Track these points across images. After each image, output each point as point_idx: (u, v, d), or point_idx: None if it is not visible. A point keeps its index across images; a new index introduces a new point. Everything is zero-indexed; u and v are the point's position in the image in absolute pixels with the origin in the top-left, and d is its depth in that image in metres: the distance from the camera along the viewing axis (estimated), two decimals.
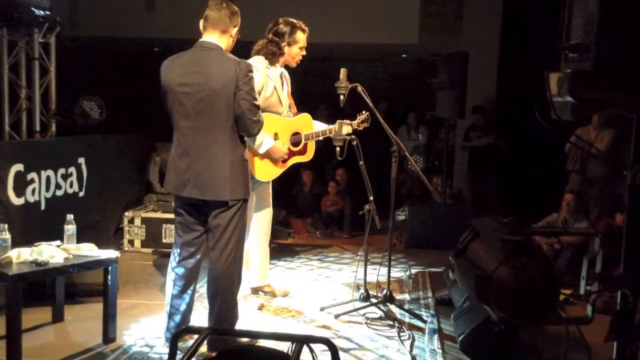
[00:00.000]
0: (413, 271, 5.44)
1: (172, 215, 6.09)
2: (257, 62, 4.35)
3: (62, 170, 5.12)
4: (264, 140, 4.22)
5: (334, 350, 2.16)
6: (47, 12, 5.56)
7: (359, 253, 6.47)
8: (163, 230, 6.17)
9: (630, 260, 2.02)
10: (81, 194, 5.41)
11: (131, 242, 6.25)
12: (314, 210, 7.98)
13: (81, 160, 5.41)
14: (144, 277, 5.43)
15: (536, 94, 1.92)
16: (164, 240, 6.17)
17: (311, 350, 2.21)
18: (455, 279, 2.09)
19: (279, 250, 6.48)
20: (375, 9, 8.81)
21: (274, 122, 4.44)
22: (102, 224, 5.92)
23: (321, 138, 4.65)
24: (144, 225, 6.21)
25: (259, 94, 4.25)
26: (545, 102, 1.94)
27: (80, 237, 4.03)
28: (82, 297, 4.67)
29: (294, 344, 2.19)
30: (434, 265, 6.08)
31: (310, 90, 10.19)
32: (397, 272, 5.64)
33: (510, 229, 2.02)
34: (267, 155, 4.37)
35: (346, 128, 4.57)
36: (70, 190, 5.24)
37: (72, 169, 5.27)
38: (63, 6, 5.91)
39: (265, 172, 4.44)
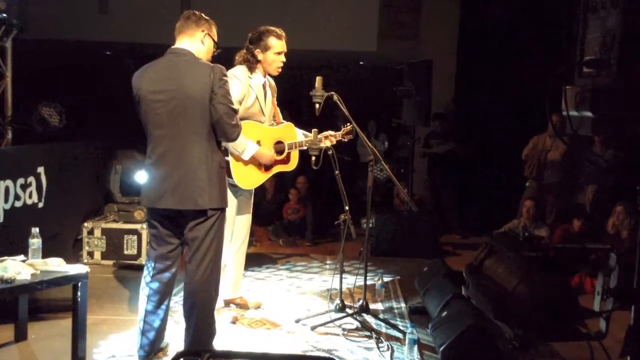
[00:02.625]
0: (385, 279, 5.41)
1: (134, 226, 5.97)
2: (239, 72, 4.29)
3: (21, 180, 4.87)
4: (247, 147, 4.11)
5: None
6: (3, 15, 5.30)
7: (327, 262, 6.42)
8: (125, 242, 5.96)
9: None
10: (40, 204, 5.16)
11: (91, 254, 6.01)
12: (274, 218, 7.88)
13: (40, 169, 5.15)
14: (108, 291, 5.23)
15: (551, 107, 1.90)
16: (125, 252, 5.96)
17: None
18: (470, 296, 2.05)
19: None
20: (334, 16, 8.79)
21: (257, 130, 4.34)
22: (60, 235, 5.65)
23: (305, 148, 4.56)
24: (104, 237, 5.98)
25: (240, 103, 4.16)
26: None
27: None
28: (45, 313, 4.46)
29: None
30: (401, 272, 6.08)
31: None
32: (367, 280, 5.59)
33: (529, 245, 2.00)
34: (253, 160, 4.26)
35: (328, 142, 4.51)
36: (29, 201, 4.99)
37: (31, 179, 5.02)
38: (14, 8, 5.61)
39: (248, 179, 4.33)
